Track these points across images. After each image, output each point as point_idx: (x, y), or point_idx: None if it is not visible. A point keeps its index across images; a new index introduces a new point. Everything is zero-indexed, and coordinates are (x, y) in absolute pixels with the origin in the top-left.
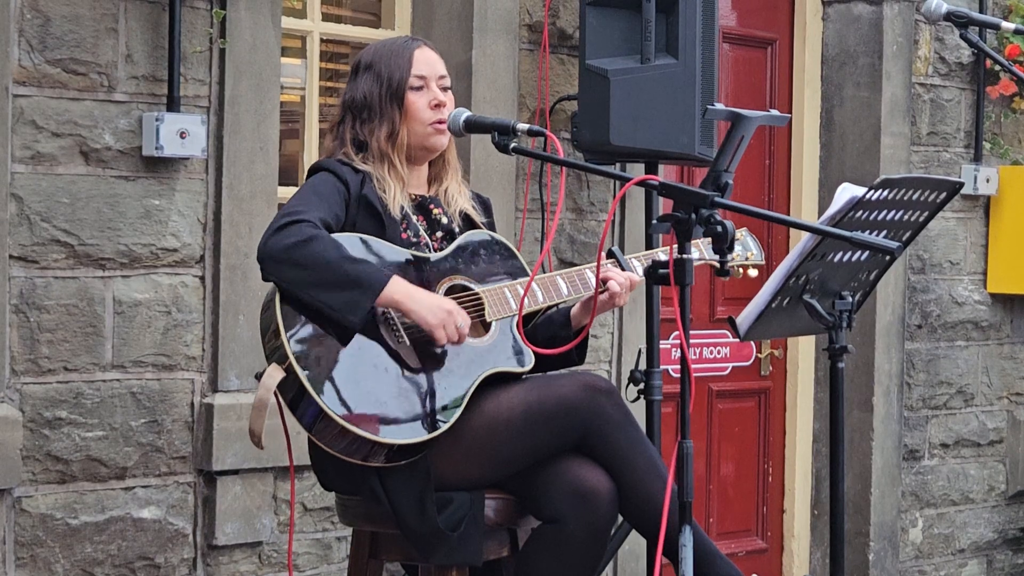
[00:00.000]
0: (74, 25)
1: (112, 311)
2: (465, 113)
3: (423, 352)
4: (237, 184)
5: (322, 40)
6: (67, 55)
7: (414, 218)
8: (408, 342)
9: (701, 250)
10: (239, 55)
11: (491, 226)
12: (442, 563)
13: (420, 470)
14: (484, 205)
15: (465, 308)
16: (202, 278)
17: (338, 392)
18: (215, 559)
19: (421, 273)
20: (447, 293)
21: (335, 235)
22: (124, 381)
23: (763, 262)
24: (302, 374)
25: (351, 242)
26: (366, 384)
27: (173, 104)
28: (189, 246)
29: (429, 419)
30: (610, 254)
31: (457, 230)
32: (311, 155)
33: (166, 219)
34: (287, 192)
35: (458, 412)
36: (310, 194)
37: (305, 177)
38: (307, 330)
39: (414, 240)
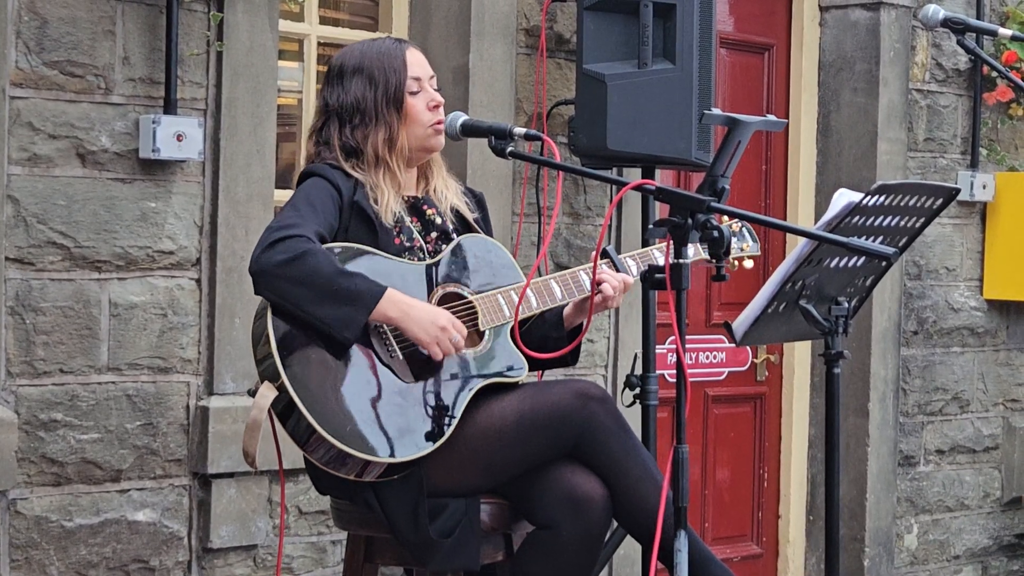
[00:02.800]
0: (71, 27)
1: (108, 313)
2: (462, 117)
3: (416, 366)
4: (234, 187)
5: (319, 43)
6: (64, 57)
7: (407, 220)
8: (401, 356)
9: (697, 248)
10: (236, 58)
11: (484, 220)
12: (438, 569)
13: (413, 480)
14: (477, 200)
15: (458, 317)
16: (198, 281)
17: (330, 409)
18: (210, 562)
19: (414, 282)
20: (440, 302)
21: (330, 244)
22: (120, 383)
23: (759, 253)
24: (294, 393)
25: (345, 253)
26: (359, 400)
27: (170, 107)
28: (185, 249)
29: (423, 434)
30: (604, 254)
31: (451, 227)
32: None
33: (162, 222)
34: (283, 195)
35: (452, 425)
36: (304, 204)
37: (295, 183)
38: (299, 344)
39: (408, 244)
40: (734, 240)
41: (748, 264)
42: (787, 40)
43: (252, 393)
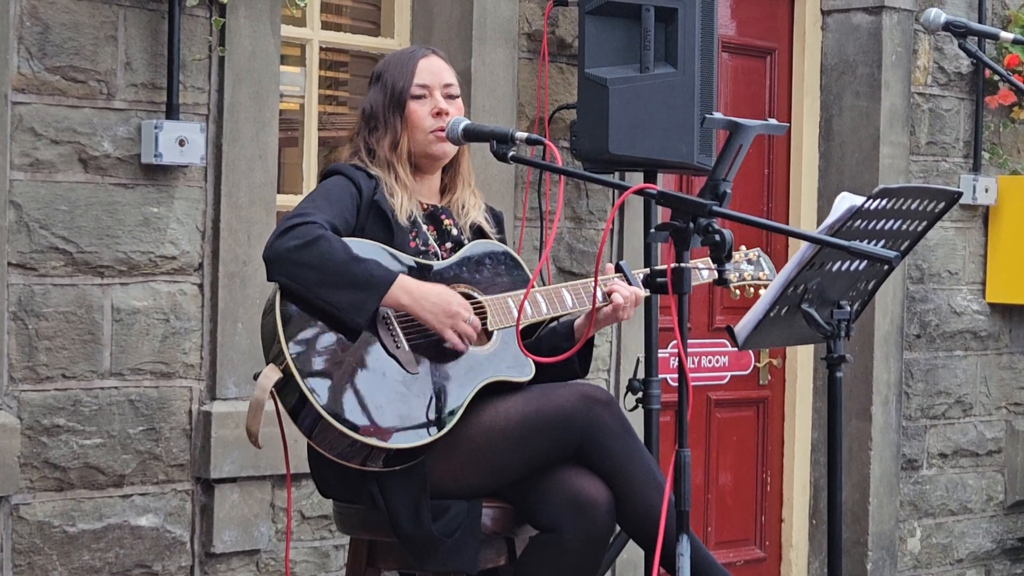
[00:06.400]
0: (73, 33)
1: (110, 319)
2: (463, 121)
3: (422, 357)
4: (236, 192)
5: (321, 48)
6: (66, 63)
7: (424, 227)
8: (407, 347)
9: (712, 267)
10: (238, 63)
11: (502, 241)
12: (438, 570)
13: (416, 476)
14: (496, 219)
15: None
16: (200, 286)
17: (336, 396)
18: (213, 567)
19: (425, 280)
20: None
21: (343, 238)
22: (122, 389)
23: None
24: (300, 378)
25: (358, 246)
26: (364, 388)
27: (172, 112)
28: (187, 254)
29: (427, 424)
30: (618, 268)
31: (467, 241)
32: (310, 163)
33: (165, 227)
34: (286, 200)
35: (456, 418)
36: (321, 197)
37: (318, 179)
38: (307, 334)
39: (423, 248)
40: (752, 268)
41: (763, 292)
42: (789, 44)
43: (257, 377)
